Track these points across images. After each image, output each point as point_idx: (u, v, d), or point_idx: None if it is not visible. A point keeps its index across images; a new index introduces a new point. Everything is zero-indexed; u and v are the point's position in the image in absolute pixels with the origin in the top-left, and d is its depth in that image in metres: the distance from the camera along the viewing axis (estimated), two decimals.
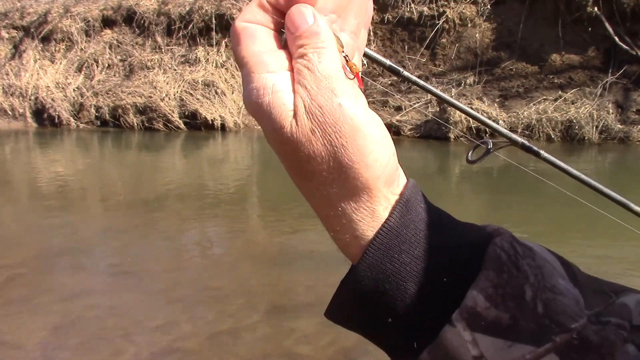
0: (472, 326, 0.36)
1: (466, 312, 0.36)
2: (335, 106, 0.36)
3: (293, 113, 0.37)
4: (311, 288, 3.65)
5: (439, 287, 0.37)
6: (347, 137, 0.36)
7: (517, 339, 0.36)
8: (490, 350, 0.35)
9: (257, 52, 0.38)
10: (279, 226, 5.20)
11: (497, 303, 0.36)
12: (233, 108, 12.43)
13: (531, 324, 0.36)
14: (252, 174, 8.30)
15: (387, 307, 0.38)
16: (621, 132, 9.84)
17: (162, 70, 13.05)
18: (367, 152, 0.37)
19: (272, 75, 0.37)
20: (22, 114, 13.39)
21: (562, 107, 10.37)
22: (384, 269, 0.38)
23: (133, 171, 8.58)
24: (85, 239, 4.83)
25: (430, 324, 0.37)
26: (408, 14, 12.30)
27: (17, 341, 2.97)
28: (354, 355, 2.87)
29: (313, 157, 0.37)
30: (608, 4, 10.60)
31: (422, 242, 0.38)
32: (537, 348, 0.35)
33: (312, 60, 0.37)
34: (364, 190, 0.38)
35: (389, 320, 0.38)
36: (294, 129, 0.36)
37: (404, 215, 0.38)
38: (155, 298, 3.54)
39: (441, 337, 0.36)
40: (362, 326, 0.41)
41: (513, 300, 0.36)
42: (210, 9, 13.29)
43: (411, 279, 0.37)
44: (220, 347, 2.93)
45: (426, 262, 0.38)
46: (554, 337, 0.36)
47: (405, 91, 11.82)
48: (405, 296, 0.37)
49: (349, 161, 0.37)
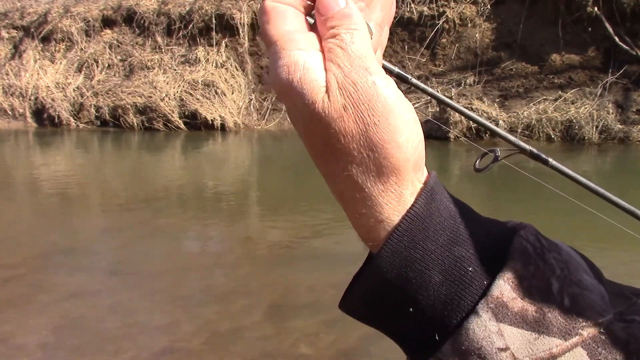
0: (498, 317, 0.35)
1: (492, 302, 0.35)
2: (369, 84, 0.36)
3: (325, 89, 0.36)
4: (311, 288, 3.65)
5: (465, 277, 0.36)
6: (380, 115, 0.36)
7: (543, 332, 0.35)
8: (516, 342, 0.35)
9: (287, 30, 0.37)
10: (279, 226, 5.20)
11: (524, 294, 0.35)
12: (233, 108, 12.43)
13: (558, 317, 0.35)
14: (252, 174, 8.30)
15: (410, 297, 0.37)
16: (621, 132, 9.84)
17: (162, 70, 13.05)
18: (399, 132, 0.36)
19: (303, 52, 0.37)
20: (22, 114, 13.39)
21: (562, 107, 10.37)
22: (408, 255, 0.37)
23: (133, 171, 8.58)
24: (85, 239, 4.83)
25: (453, 316, 0.36)
26: (408, 14, 12.30)
27: (17, 341, 2.97)
28: (355, 356, 2.87)
29: (344, 135, 0.36)
30: (608, 4, 10.60)
31: (447, 230, 0.37)
32: (564, 341, 0.35)
33: (345, 40, 0.37)
34: (393, 172, 0.37)
35: (410, 310, 0.37)
36: (325, 104, 0.36)
37: (429, 203, 0.38)
38: (155, 298, 3.54)
39: (465, 327, 0.35)
40: (380, 318, 0.40)
41: (540, 293, 0.36)
42: (210, 9, 13.29)
43: (436, 267, 0.36)
44: (220, 347, 2.93)
45: (452, 251, 0.37)
46: (581, 331, 0.35)
47: (405, 91, 11.78)
48: (429, 285, 0.36)
49: (380, 140, 0.36)
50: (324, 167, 0.38)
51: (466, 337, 0.35)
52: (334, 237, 4.82)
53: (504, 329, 0.35)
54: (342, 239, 4.81)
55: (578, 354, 0.34)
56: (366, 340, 2.96)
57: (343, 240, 4.78)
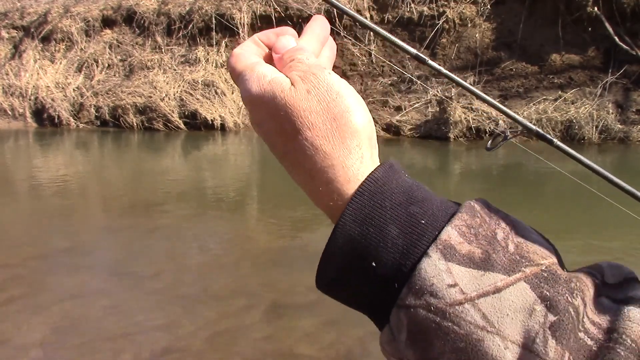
0: (446, 257, 0.39)
1: (441, 244, 0.39)
2: (326, 74, 0.44)
3: (290, 83, 0.44)
4: (311, 288, 3.63)
5: (418, 228, 0.40)
6: (337, 93, 0.44)
7: (489, 269, 0.38)
8: (464, 279, 0.38)
9: (251, 61, 0.47)
10: (279, 226, 5.20)
11: (471, 240, 0.39)
12: (233, 108, 12.43)
13: (502, 258, 0.39)
14: (252, 174, 8.30)
15: (371, 251, 0.41)
16: (621, 132, 9.84)
17: (162, 70, 13.05)
18: (353, 103, 0.44)
19: (267, 67, 0.46)
20: (22, 114, 13.39)
21: (562, 107, 10.37)
22: (368, 212, 0.41)
23: (133, 171, 8.58)
24: (85, 239, 4.83)
25: (409, 263, 0.40)
26: (408, 14, 12.30)
27: (17, 341, 2.97)
28: (355, 356, 2.87)
29: (309, 112, 0.43)
30: (608, 4, 10.60)
31: (403, 193, 0.42)
32: (508, 277, 0.38)
33: (301, 59, 0.46)
34: (354, 135, 0.43)
35: (373, 265, 0.41)
36: (292, 92, 0.43)
37: (387, 171, 0.43)
38: (155, 298, 3.54)
39: (418, 268, 0.39)
40: (349, 283, 0.43)
41: (485, 239, 0.40)
42: (210, 9, 13.29)
43: (393, 222, 0.41)
44: (220, 347, 2.93)
45: (407, 209, 0.41)
46: (524, 269, 0.39)
47: (405, 91, 11.83)
48: (387, 238, 0.40)
49: (340, 110, 0.43)
50: (294, 145, 0.44)
51: (419, 277, 0.39)
52: None
53: (452, 268, 0.38)
54: None
55: (521, 287, 0.38)
56: (366, 340, 2.97)
57: None
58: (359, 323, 3.17)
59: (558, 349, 0.36)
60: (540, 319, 0.37)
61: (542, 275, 0.39)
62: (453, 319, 0.38)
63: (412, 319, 0.39)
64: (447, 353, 0.38)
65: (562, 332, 0.37)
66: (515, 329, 0.37)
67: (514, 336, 0.37)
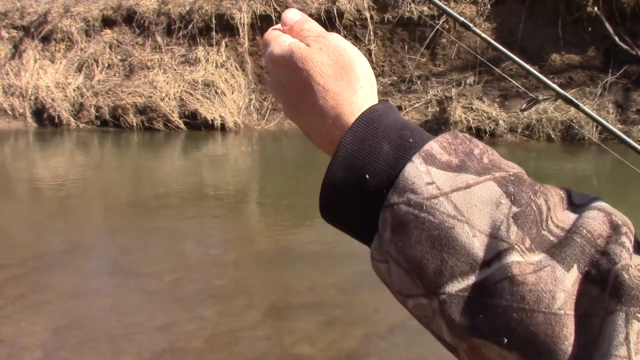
0: (427, 162, 0.45)
1: (423, 153, 0.45)
2: (334, 36, 0.54)
3: (305, 44, 0.54)
4: (311, 288, 3.65)
5: (407, 145, 0.47)
6: (344, 49, 0.53)
7: (463, 172, 0.44)
8: (440, 179, 0.44)
9: (276, 33, 0.57)
10: (279, 226, 5.20)
11: (450, 152, 0.45)
12: (233, 108, 12.43)
13: (476, 165, 0.45)
14: (252, 174, 8.30)
15: (366, 166, 0.47)
16: (621, 132, 9.84)
17: (162, 70, 13.05)
18: (358, 57, 0.54)
19: (286, 36, 0.56)
20: (22, 114, 13.39)
21: (562, 107, 10.37)
22: (365, 134, 0.48)
23: (133, 171, 8.58)
24: (85, 239, 4.83)
25: (396, 174, 0.46)
26: (408, 14, 12.30)
27: (17, 341, 2.97)
28: (355, 356, 2.87)
29: (322, 63, 0.52)
30: (608, 4, 10.59)
31: (397, 122, 0.49)
32: (478, 177, 0.44)
33: (310, 28, 0.56)
34: (358, 80, 0.52)
35: (366, 177, 0.47)
36: (307, 49, 0.53)
37: (386, 107, 0.51)
38: (155, 298, 3.54)
39: (402, 171, 0.45)
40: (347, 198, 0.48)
41: (463, 153, 0.46)
42: (210, 9, 13.29)
43: (385, 140, 0.47)
44: (220, 347, 2.93)
45: (399, 132, 0.48)
46: (494, 173, 0.44)
47: (405, 91, 11.82)
48: (380, 153, 0.47)
49: (347, 61, 0.52)
50: (307, 100, 0.52)
51: (402, 178, 0.45)
52: (334, 237, 4.82)
53: (431, 170, 0.44)
54: (342, 239, 4.80)
55: (489, 185, 0.43)
56: (366, 340, 2.97)
57: (343, 240, 4.77)
58: (359, 323, 3.17)
59: (519, 233, 0.41)
60: (505, 210, 0.42)
61: (509, 178, 0.44)
62: (429, 210, 0.43)
63: (394, 214, 0.44)
64: (423, 241, 0.43)
65: (523, 221, 0.42)
66: (482, 219, 0.42)
67: (482, 225, 0.42)
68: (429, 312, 0.44)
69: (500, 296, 0.40)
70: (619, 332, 0.37)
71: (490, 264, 0.41)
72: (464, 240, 0.42)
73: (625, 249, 0.41)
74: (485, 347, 0.41)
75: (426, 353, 2.86)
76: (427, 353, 2.86)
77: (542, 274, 0.40)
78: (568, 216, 0.43)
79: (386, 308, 3.35)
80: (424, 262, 0.43)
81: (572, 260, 0.40)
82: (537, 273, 0.40)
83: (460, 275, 0.41)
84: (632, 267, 0.40)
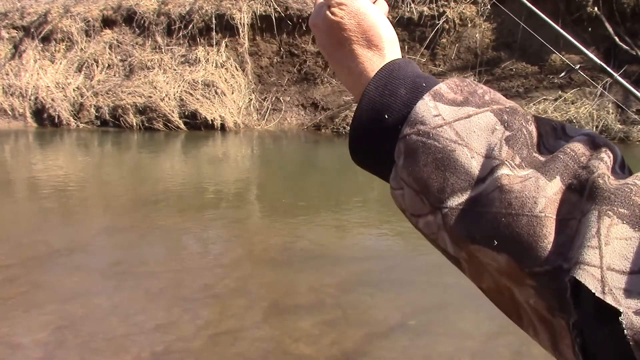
0: (435, 99, 0.51)
1: (432, 92, 0.52)
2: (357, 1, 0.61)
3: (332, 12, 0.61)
4: (311, 288, 3.65)
5: (420, 88, 0.53)
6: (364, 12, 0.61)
7: (465, 105, 0.50)
8: (445, 111, 0.50)
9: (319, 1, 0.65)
10: (279, 226, 5.20)
11: (456, 92, 0.51)
12: (233, 108, 12.43)
13: (477, 100, 0.51)
14: (252, 174, 8.30)
15: (385, 106, 0.54)
16: (621, 132, 9.84)
17: (162, 70, 13.05)
18: (378, 17, 0.61)
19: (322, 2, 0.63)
20: (22, 114, 13.39)
21: (562, 107, 10.37)
22: (386, 81, 0.56)
23: (133, 171, 8.58)
24: (85, 239, 4.83)
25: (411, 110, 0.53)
26: (408, 14, 12.30)
27: (17, 341, 2.97)
28: (354, 356, 2.87)
29: (346, 29, 0.60)
30: (608, 4, 10.59)
31: (414, 72, 0.56)
32: (478, 109, 0.50)
33: None
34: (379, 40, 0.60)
35: (385, 117, 0.53)
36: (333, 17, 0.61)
37: (405, 60, 0.58)
38: (155, 298, 3.54)
39: (414, 108, 0.51)
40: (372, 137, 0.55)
41: (468, 92, 0.52)
42: (210, 9, 13.29)
43: (402, 85, 0.54)
44: (220, 347, 2.93)
45: (414, 79, 0.55)
46: (492, 106, 0.50)
47: None
48: (397, 95, 0.54)
49: (368, 25, 0.60)
50: (338, 57, 0.61)
51: (414, 112, 0.51)
52: (334, 237, 4.82)
53: (439, 106, 0.50)
54: (342, 239, 4.81)
55: (487, 115, 0.49)
56: (366, 340, 2.97)
57: (343, 241, 4.78)
58: (359, 323, 3.17)
59: (510, 152, 0.47)
60: (499, 134, 0.48)
61: (505, 109, 0.50)
62: (434, 137, 0.49)
63: (406, 143, 0.51)
64: (429, 163, 0.49)
65: (514, 142, 0.47)
66: (479, 142, 0.48)
67: (479, 148, 0.48)
68: (434, 227, 0.49)
69: (491, 204, 0.45)
70: (592, 227, 0.41)
71: (485, 179, 0.46)
72: (463, 161, 0.48)
73: (604, 162, 0.45)
74: (480, 252, 0.46)
75: (426, 353, 2.86)
76: (427, 353, 2.86)
77: (527, 183, 0.45)
78: (559, 143, 0.49)
79: (386, 308, 3.35)
80: (429, 182, 0.49)
81: (555, 173, 0.45)
82: (523, 182, 0.45)
83: (460, 190, 0.47)
84: (608, 175, 0.44)
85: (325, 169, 8.19)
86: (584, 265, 0.40)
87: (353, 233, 4.98)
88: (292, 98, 12.66)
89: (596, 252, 0.40)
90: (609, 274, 0.39)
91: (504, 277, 0.45)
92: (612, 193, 0.42)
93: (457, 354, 2.85)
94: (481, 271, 0.47)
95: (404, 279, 3.80)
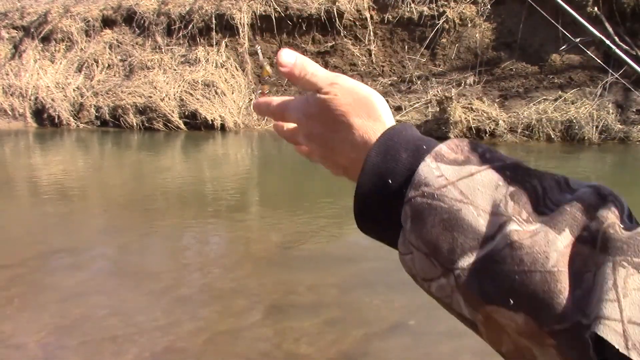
0: (437, 160, 0.52)
1: (434, 153, 0.52)
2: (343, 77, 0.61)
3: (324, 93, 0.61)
4: (311, 288, 3.65)
5: (421, 151, 0.54)
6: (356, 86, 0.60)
7: (467, 164, 0.51)
8: (448, 171, 0.50)
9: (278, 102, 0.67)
10: (279, 226, 5.20)
11: (457, 152, 0.52)
12: (233, 108, 12.43)
13: (478, 159, 0.51)
14: (252, 174, 8.30)
15: (389, 171, 0.54)
16: (621, 132, 9.84)
17: (162, 70, 13.05)
18: (369, 90, 0.61)
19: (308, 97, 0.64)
20: (22, 114, 13.39)
21: (562, 107, 10.37)
22: (387, 147, 0.56)
23: (133, 171, 8.58)
24: (85, 239, 4.83)
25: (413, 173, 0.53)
26: (408, 14, 12.30)
27: (17, 341, 2.97)
28: (354, 356, 2.87)
29: (345, 105, 0.59)
30: (608, 4, 10.59)
31: (413, 135, 0.56)
32: (480, 167, 0.50)
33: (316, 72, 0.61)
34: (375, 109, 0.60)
35: (389, 182, 0.54)
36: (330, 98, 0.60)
37: (403, 124, 0.59)
38: (155, 298, 3.54)
39: (417, 171, 0.52)
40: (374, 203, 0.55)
41: (468, 152, 0.52)
42: (210, 9, 13.29)
43: (403, 149, 0.55)
44: (220, 347, 2.93)
45: (415, 142, 0.55)
46: (494, 163, 0.51)
47: (405, 91, 11.82)
48: (399, 160, 0.54)
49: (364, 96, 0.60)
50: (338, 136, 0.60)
51: (417, 175, 0.51)
52: (334, 237, 4.82)
53: (441, 166, 0.51)
54: (342, 239, 4.81)
55: (489, 172, 0.50)
56: (366, 340, 2.97)
57: (343, 241, 4.78)
58: (359, 323, 3.17)
59: (516, 207, 0.47)
60: (503, 190, 0.48)
61: (506, 166, 0.51)
62: (439, 198, 0.49)
63: (412, 206, 0.51)
64: (437, 225, 0.49)
65: (519, 197, 0.48)
66: (484, 200, 0.48)
67: (484, 205, 0.48)
68: (448, 290, 0.49)
69: (503, 262, 0.45)
70: (608, 279, 0.41)
71: (495, 237, 0.46)
72: (470, 219, 0.48)
73: (612, 211, 0.45)
74: (497, 313, 0.46)
75: (426, 353, 2.86)
76: (426, 353, 2.86)
77: (537, 238, 0.45)
78: (564, 196, 0.48)
79: (386, 308, 3.35)
80: (439, 243, 0.49)
81: (564, 226, 0.45)
82: (532, 238, 0.45)
83: (470, 250, 0.47)
84: (618, 225, 0.44)
85: (325, 169, 8.16)
86: (604, 320, 0.39)
87: (353, 233, 4.98)
88: None
89: (615, 305, 0.39)
90: (631, 327, 0.38)
91: (524, 338, 0.45)
92: (624, 243, 0.42)
93: (457, 353, 2.86)
94: (499, 333, 0.46)
95: (404, 279, 3.79)
